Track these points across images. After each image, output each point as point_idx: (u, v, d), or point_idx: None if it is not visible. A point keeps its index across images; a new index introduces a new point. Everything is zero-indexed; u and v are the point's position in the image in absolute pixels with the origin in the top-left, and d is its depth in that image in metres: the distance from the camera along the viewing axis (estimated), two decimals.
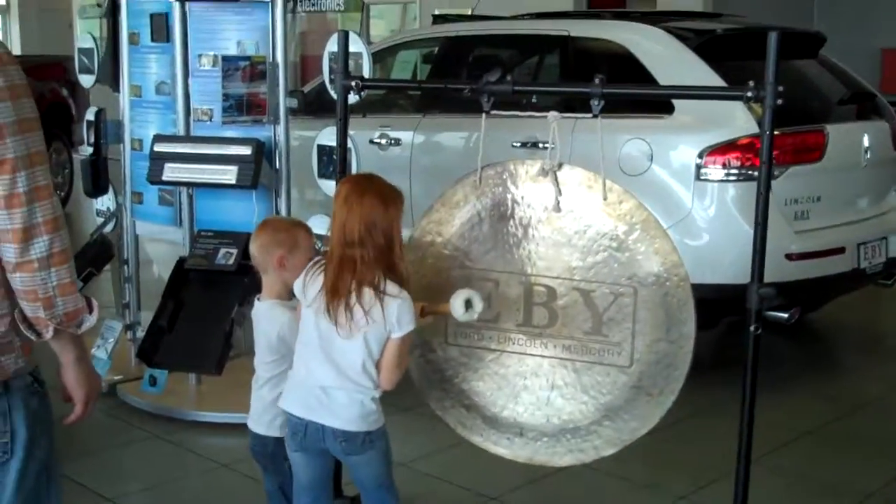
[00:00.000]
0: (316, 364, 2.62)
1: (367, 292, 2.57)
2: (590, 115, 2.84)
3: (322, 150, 4.38)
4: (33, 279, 1.84)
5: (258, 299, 2.92)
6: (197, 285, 4.06)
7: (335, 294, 2.57)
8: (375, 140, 5.64)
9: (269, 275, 2.87)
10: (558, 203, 2.90)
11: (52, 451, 2.02)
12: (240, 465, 3.62)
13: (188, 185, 4.45)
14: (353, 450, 2.64)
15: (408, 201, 5.39)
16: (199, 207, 4.52)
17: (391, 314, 2.58)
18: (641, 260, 2.83)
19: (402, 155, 5.61)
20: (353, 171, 3.97)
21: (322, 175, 4.41)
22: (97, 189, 4.89)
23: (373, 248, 2.57)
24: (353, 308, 2.56)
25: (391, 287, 2.59)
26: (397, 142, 5.63)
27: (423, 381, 3.09)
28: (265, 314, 2.88)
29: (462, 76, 5.60)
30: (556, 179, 2.88)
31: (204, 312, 2.96)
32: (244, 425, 2.92)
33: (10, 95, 1.82)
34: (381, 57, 6.16)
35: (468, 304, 2.75)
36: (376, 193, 2.64)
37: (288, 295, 2.87)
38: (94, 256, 4.10)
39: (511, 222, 2.96)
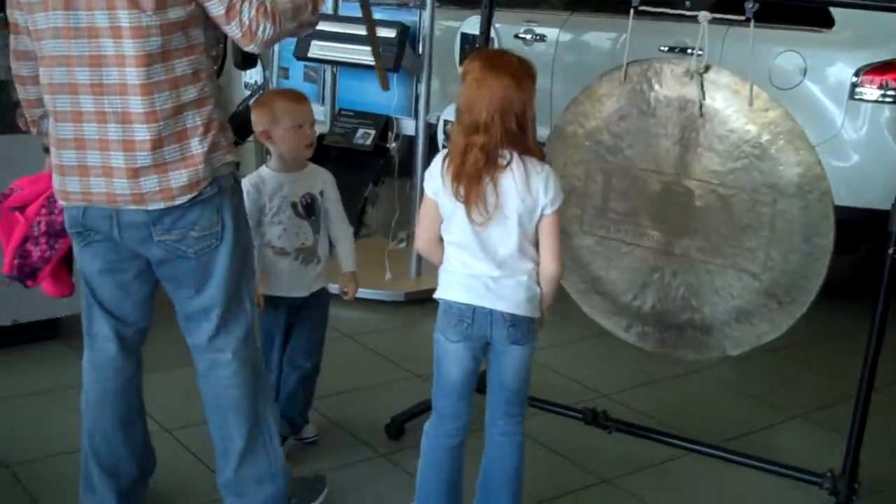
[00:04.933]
0: (471, 258, 2.44)
1: (504, 173, 2.35)
2: (743, 18, 2.75)
3: (465, 38, 4.39)
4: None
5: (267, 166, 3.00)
6: (333, 162, 4.15)
7: (461, 179, 2.35)
8: (520, 35, 5.58)
9: (270, 148, 2.98)
10: (701, 107, 2.85)
11: (248, 241, 2.49)
12: (365, 336, 3.75)
13: (333, 63, 4.53)
14: (518, 337, 2.46)
15: (548, 99, 5.48)
16: (341, 86, 4.61)
17: (539, 189, 2.37)
18: (783, 170, 2.77)
19: (547, 52, 5.54)
20: None
21: (463, 63, 4.41)
22: (247, 62, 5.01)
23: (502, 133, 2.32)
24: (489, 192, 2.34)
25: (531, 163, 2.38)
26: (542, 38, 5.56)
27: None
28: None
29: None
30: (701, 83, 2.83)
31: (339, 189, 3.03)
32: (373, 301, 2.98)
33: None
34: None
35: None
36: (509, 69, 2.35)
37: (291, 164, 2.96)
38: (239, 125, 4.21)
39: (653, 121, 2.93)
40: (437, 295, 2.53)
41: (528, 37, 5.58)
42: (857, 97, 4.44)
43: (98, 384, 2.53)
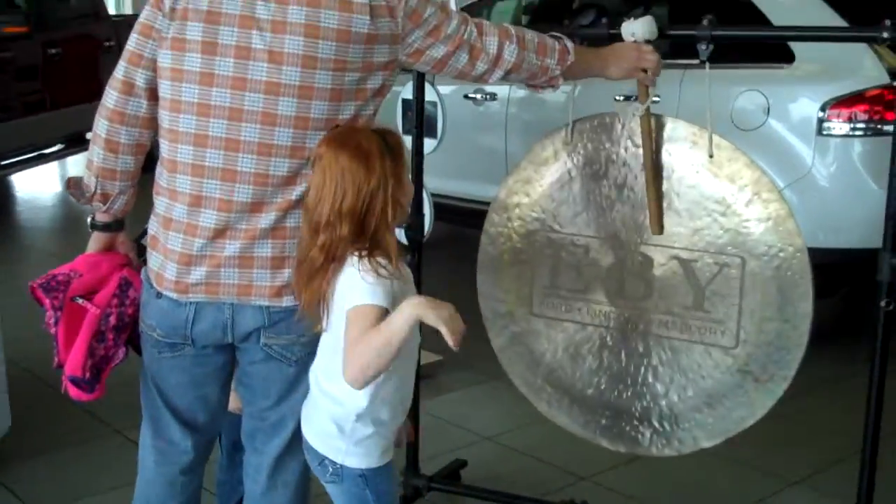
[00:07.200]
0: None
1: (333, 279, 1.94)
2: (698, 61, 2.54)
3: (407, 104, 4.14)
4: None
5: None
6: None
7: (300, 285, 1.99)
8: (471, 95, 5.38)
9: None
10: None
11: None
12: None
13: None
14: (319, 472, 2.07)
15: (503, 160, 5.27)
16: None
17: (343, 290, 1.91)
18: (751, 227, 2.53)
19: (499, 111, 5.34)
20: (440, 127, 3.73)
21: (406, 131, 4.19)
22: None
23: (343, 232, 1.89)
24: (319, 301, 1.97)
25: (352, 261, 1.90)
26: (493, 97, 5.36)
27: (507, 355, 2.86)
28: None
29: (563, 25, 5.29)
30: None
31: None
32: None
33: None
34: (477, 11, 5.88)
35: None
36: (353, 149, 1.90)
37: None
38: None
39: (604, 182, 2.68)
40: None
41: (479, 96, 5.37)
42: (825, 133, 4.26)
43: (166, 500, 2.25)
